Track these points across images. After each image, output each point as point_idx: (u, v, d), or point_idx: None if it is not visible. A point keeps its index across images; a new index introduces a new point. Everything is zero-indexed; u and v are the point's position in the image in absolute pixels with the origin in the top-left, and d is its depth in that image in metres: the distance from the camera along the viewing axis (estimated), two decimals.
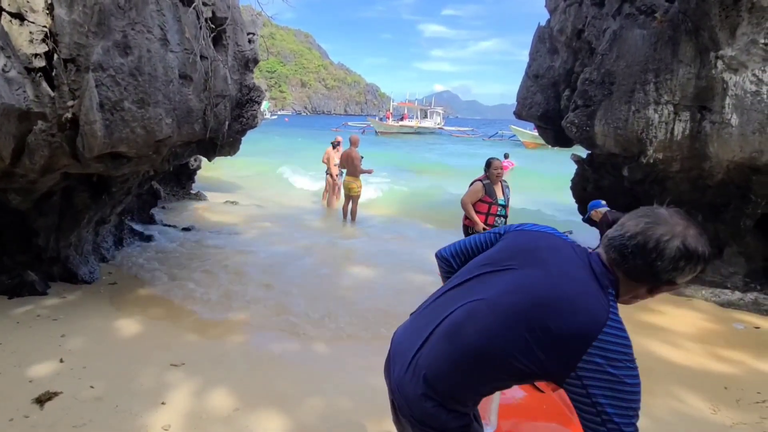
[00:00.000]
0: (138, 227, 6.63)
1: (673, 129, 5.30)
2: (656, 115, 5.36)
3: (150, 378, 3.14)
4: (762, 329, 4.56)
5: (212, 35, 4.23)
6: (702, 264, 1.12)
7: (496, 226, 4.96)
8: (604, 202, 5.51)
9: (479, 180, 5.09)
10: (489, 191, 4.98)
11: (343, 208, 9.02)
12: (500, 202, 5.00)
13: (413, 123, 48.87)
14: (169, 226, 7.26)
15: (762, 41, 4.57)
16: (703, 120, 5.12)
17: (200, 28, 3.97)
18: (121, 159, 3.80)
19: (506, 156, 18.78)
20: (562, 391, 2.73)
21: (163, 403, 2.83)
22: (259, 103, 5.15)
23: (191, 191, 9.77)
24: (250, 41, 5.02)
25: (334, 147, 9.90)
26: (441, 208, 9.64)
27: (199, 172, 14.78)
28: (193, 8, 3.89)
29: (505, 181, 5.23)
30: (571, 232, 5.05)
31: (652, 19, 5.49)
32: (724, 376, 3.61)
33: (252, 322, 4.18)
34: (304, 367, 3.47)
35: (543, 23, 7.56)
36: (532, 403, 2.68)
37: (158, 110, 3.59)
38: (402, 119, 49.58)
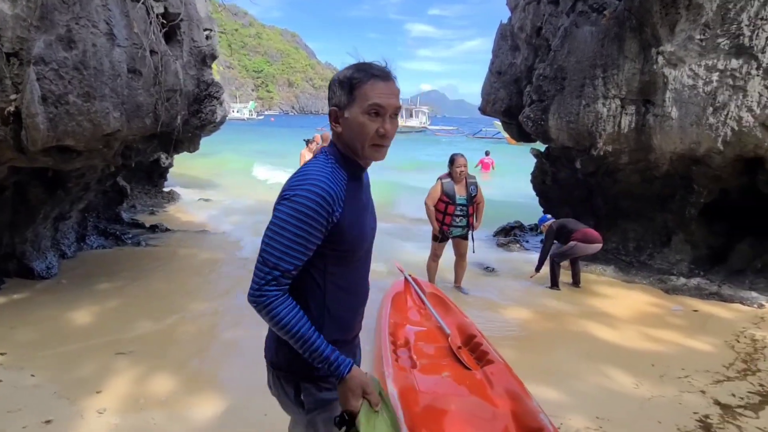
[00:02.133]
0: (103, 224, 6.64)
1: (620, 122, 5.51)
2: (605, 109, 5.57)
3: (94, 366, 3.21)
4: (700, 312, 4.78)
5: (164, 30, 4.29)
6: (348, 84, 1.20)
7: (454, 227, 5.10)
8: (549, 216, 6.05)
9: (440, 178, 4.91)
10: (447, 190, 4.75)
11: None
12: (459, 201, 4.76)
13: (399, 122, 48.97)
14: (136, 223, 7.28)
15: (698, 37, 4.79)
16: (647, 113, 5.34)
17: (150, 23, 4.03)
18: (70, 153, 3.85)
19: (487, 153, 19.05)
20: (488, 369, 2.88)
21: (98, 392, 2.88)
22: (218, 99, 5.21)
23: (164, 189, 9.75)
24: (207, 37, 5.08)
25: (308, 144, 9.96)
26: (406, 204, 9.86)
27: (176, 170, 14.72)
28: (142, 3, 3.95)
29: (473, 178, 4.93)
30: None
31: (602, 17, 5.70)
32: (653, 354, 3.80)
33: (207, 314, 4.25)
34: (253, 354, 3.56)
35: (505, 21, 7.76)
36: (456, 380, 2.83)
37: (105, 104, 3.65)
38: None
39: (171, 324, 3.96)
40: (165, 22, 4.28)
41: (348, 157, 1.29)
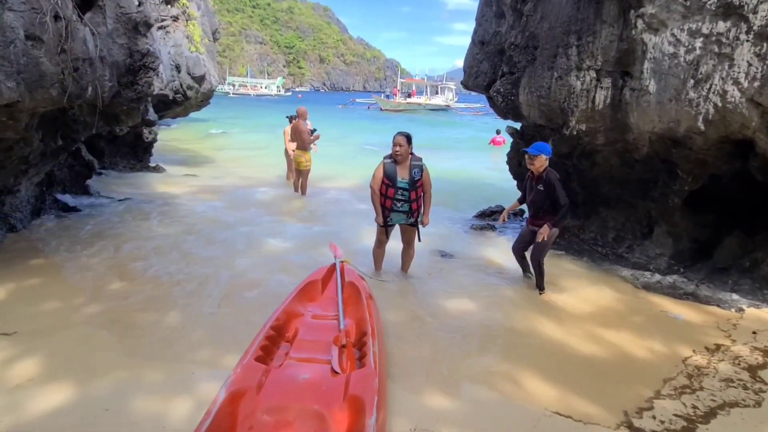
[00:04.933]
0: (67, 198, 6.66)
1: (594, 97, 4.88)
2: (578, 82, 4.94)
3: None
4: (667, 314, 4.24)
5: None
6: None
7: (394, 210, 4.68)
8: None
9: (384, 158, 4.48)
10: (388, 171, 4.37)
11: (294, 182, 8.86)
12: (400, 184, 4.35)
13: (422, 100, 47.77)
14: (106, 197, 7.28)
15: None
16: (624, 87, 4.68)
17: None
18: None
19: (498, 132, 18.18)
20: (354, 374, 2.57)
21: None
22: (155, 70, 4.95)
23: (149, 164, 9.77)
24: (140, 3, 4.80)
25: (291, 121, 9.65)
26: None
27: (178, 144, 14.84)
28: None
29: (419, 160, 4.45)
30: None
31: None
32: (590, 360, 3.38)
33: (118, 296, 4.10)
34: (143, 340, 3.40)
35: None
36: (311, 384, 2.53)
37: None
38: (409, 96, 48.50)
39: (74, 306, 3.83)
40: None
41: None
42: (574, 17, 4.89)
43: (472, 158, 15.63)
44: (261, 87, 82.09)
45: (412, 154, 4.43)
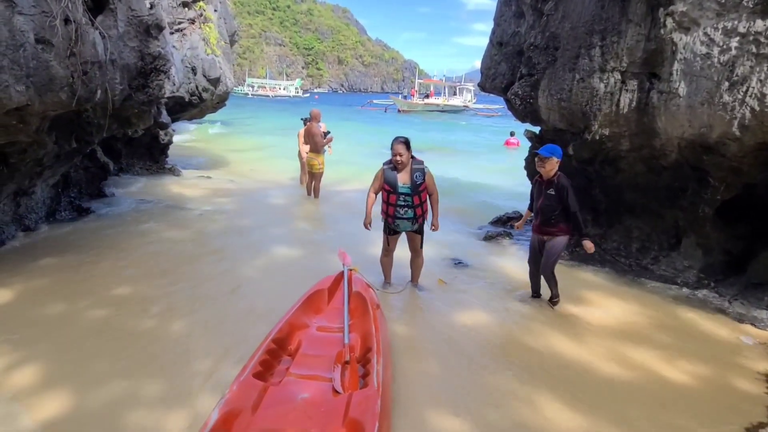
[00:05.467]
0: (82, 200, 6.71)
1: (618, 100, 4.62)
2: (601, 84, 4.69)
3: None
4: (699, 330, 3.96)
5: None
6: None
7: (399, 218, 4.51)
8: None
9: (384, 164, 4.33)
10: (388, 177, 4.22)
11: (306, 185, 8.79)
12: (402, 189, 4.19)
13: (440, 101, 47.38)
14: (121, 199, 7.31)
15: None
16: (651, 90, 4.41)
17: None
18: None
19: (512, 134, 17.82)
20: (356, 395, 2.42)
21: None
22: (166, 73, 4.92)
23: (166, 165, 9.84)
24: (151, 6, 4.77)
25: (305, 123, 9.57)
26: None
27: (193, 144, 14.97)
28: None
29: (420, 164, 4.26)
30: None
31: None
32: (617, 382, 3.15)
33: (117, 302, 4.03)
34: (143, 349, 3.32)
35: None
36: (310, 405, 2.40)
37: (3, 76, 3.44)
38: (427, 97, 48.18)
39: (78, 309, 3.79)
40: None
41: None
42: (598, 16, 4.64)
43: (487, 161, 15.33)
44: (279, 88, 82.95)
45: (413, 157, 4.27)
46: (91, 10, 4.28)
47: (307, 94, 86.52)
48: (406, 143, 4.21)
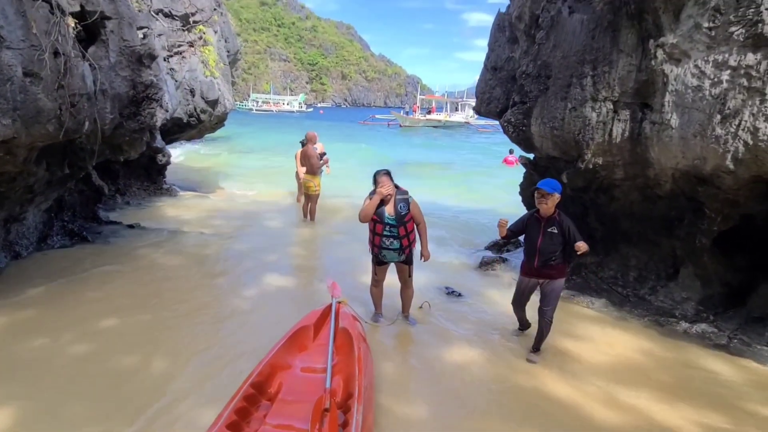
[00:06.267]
0: (76, 224, 6.68)
1: (611, 130, 4.58)
2: (593, 114, 4.64)
3: None
4: (698, 368, 3.83)
5: (78, 30, 4.03)
6: None
7: (383, 248, 4.43)
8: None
9: (369, 194, 4.22)
10: (377, 208, 4.15)
11: (303, 207, 8.74)
12: (387, 220, 4.14)
13: (441, 116, 47.68)
14: (114, 223, 7.29)
15: (706, 25, 3.78)
16: (643, 120, 4.37)
17: (55, 23, 3.77)
18: None
19: (511, 152, 17.79)
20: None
21: None
22: (158, 101, 4.92)
23: (163, 186, 9.85)
24: (144, 36, 4.80)
25: (303, 145, 9.57)
26: None
27: (192, 164, 15.00)
28: (44, 1, 3.69)
29: (404, 194, 4.19)
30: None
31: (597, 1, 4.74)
32: (611, 428, 3.02)
33: (105, 333, 3.97)
34: (121, 389, 3.23)
35: (504, 10, 6.85)
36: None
37: None
38: (429, 112, 48.51)
39: (61, 344, 3.72)
40: (78, 21, 4.01)
41: None
42: (589, 46, 4.63)
43: (484, 182, 15.25)
44: (283, 103, 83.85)
45: (397, 187, 4.20)
46: (82, 41, 4.31)
47: (311, 109, 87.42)
48: (389, 175, 4.17)
